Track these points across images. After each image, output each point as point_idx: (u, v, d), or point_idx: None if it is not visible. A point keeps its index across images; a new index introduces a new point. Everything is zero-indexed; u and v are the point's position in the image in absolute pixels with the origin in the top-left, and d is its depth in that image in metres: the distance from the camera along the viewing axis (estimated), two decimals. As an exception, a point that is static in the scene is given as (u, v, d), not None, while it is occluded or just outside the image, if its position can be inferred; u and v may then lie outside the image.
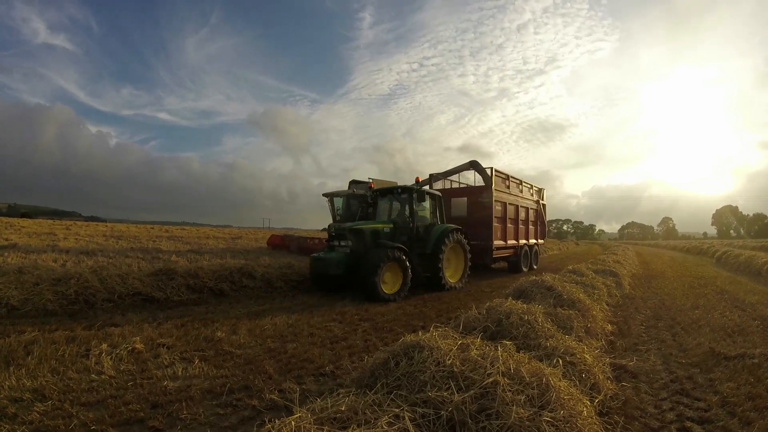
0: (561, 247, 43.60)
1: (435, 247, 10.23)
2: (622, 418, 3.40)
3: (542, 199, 19.01)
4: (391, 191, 10.87)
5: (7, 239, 14.96)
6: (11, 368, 4.12)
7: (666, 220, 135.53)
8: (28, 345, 4.79)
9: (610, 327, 6.29)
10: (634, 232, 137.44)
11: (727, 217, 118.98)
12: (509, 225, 15.13)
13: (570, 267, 10.85)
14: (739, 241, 47.48)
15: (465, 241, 11.28)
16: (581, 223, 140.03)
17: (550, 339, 4.32)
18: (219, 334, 5.62)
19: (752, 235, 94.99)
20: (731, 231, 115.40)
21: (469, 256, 11.44)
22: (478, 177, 14.80)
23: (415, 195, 10.18)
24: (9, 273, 7.32)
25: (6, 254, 10.00)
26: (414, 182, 10.69)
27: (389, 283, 8.91)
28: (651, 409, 3.76)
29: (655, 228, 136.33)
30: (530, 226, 17.28)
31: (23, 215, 58.53)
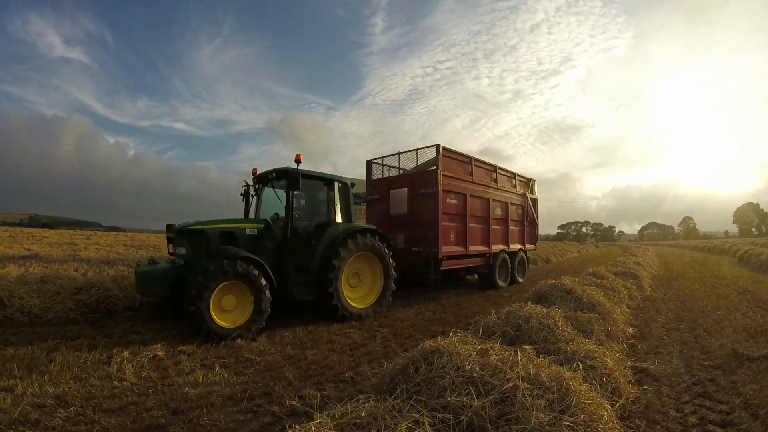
0: (580, 249, 43.33)
1: (325, 256, 7.20)
2: (644, 422, 3.36)
3: (531, 193, 14.63)
4: (270, 177, 7.79)
5: (28, 249, 15.28)
6: (34, 375, 4.21)
7: (686, 220, 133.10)
8: (51, 352, 4.89)
9: (631, 330, 6.21)
10: (654, 233, 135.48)
11: (748, 215, 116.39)
12: (472, 225, 11.03)
13: (590, 269, 10.70)
14: (762, 239, 46.47)
15: (384, 249, 8.02)
16: (600, 224, 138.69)
17: (570, 343, 4.29)
18: (239, 341, 5.67)
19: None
20: (753, 229, 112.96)
21: (392, 269, 8.16)
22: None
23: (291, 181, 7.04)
24: (31, 282, 7.45)
25: (28, 264, 10.20)
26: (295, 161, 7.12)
27: (232, 311, 6.00)
28: (673, 412, 3.71)
29: (676, 228, 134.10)
30: (512, 227, 13.11)
31: (44, 225, 59.66)
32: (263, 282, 6.18)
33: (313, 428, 2.47)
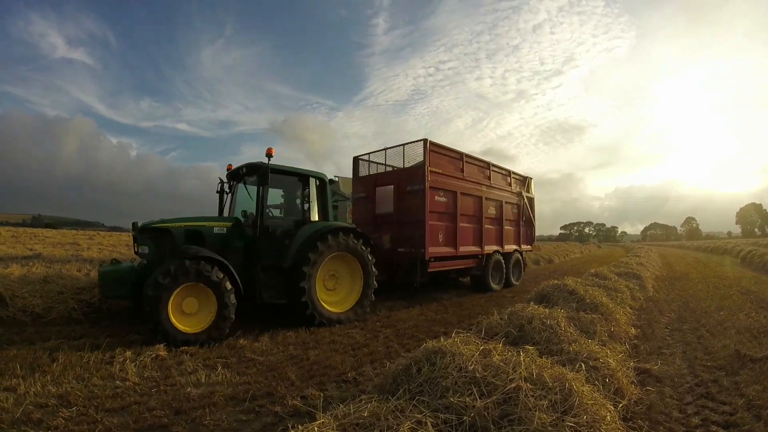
0: (583, 250, 43.37)
1: (298, 257, 6.76)
2: (647, 423, 3.35)
3: (528, 192, 13.84)
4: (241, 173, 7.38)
5: (31, 249, 15.31)
6: (36, 375, 4.21)
7: (689, 220, 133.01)
8: (53, 352, 4.89)
9: (633, 330, 6.19)
10: (657, 234, 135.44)
11: (751, 215, 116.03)
12: (463, 224, 10.44)
13: (592, 270, 10.70)
14: (764, 239, 46.31)
15: (364, 249, 7.52)
16: (603, 225, 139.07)
17: (573, 344, 4.28)
18: (241, 341, 5.68)
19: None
20: (756, 229, 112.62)
21: (372, 273, 7.63)
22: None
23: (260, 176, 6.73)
24: (34, 282, 7.47)
25: (31, 264, 10.21)
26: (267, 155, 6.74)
27: (193, 315, 5.67)
28: (676, 413, 3.70)
29: (679, 228, 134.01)
30: (506, 227, 12.39)
31: (47, 226, 59.77)
32: (228, 285, 5.81)
33: (316, 428, 2.47)
